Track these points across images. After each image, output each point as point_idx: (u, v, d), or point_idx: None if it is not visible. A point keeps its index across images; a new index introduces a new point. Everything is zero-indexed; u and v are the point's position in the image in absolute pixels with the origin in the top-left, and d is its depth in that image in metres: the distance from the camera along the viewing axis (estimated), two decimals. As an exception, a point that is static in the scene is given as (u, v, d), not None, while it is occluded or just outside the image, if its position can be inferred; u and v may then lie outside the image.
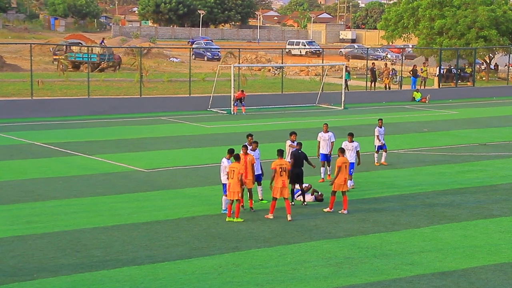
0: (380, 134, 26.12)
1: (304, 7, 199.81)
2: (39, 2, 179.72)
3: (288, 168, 19.17)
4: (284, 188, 18.91)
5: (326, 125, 23.79)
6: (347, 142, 22.29)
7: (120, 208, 20.10)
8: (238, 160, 19.05)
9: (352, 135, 22.58)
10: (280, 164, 18.97)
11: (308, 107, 44.97)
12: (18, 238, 17.14)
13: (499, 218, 19.73)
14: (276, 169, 18.89)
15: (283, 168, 18.94)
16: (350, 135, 22.49)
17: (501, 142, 32.82)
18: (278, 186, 18.84)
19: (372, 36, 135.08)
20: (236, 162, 19.03)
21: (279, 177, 18.85)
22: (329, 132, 23.41)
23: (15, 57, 71.47)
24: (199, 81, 53.57)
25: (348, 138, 22.38)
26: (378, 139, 26.17)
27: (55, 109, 38.66)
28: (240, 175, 18.70)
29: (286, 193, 18.99)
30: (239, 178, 18.68)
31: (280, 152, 19.64)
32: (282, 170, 18.89)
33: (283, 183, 18.85)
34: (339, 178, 19.61)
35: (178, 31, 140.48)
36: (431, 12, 62.61)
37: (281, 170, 18.86)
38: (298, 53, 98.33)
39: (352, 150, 22.16)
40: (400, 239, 17.60)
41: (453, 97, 52.59)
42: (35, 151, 28.50)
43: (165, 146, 30.19)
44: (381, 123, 26.24)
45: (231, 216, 18.89)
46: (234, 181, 18.67)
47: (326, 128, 23.55)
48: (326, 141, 23.25)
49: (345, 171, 19.75)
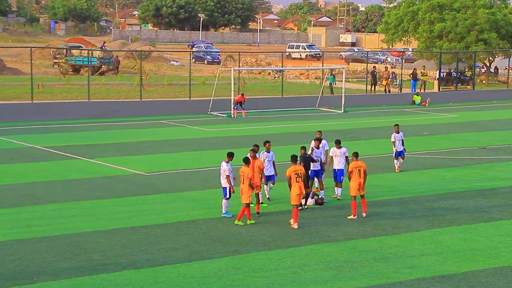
0: (397, 140, 25.61)
1: (304, 10, 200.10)
2: (39, 5, 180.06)
3: (303, 173, 18.89)
4: (301, 194, 18.77)
5: (320, 132, 22.87)
6: (335, 148, 21.73)
7: (120, 211, 20.10)
8: (247, 164, 19.06)
9: (339, 142, 21.86)
10: (294, 170, 18.80)
11: (308, 111, 44.97)
12: (18, 241, 17.14)
13: (499, 222, 19.72)
14: (291, 176, 18.76)
15: (298, 174, 18.71)
16: (337, 143, 21.76)
17: (501, 146, 32.81)
18: (296, 193, 18.61)
19: (372, 40, 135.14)
20: (246, 166, 19.02)
21: (295, 184, 18.67)
22: (323, 140, 22.43)
23: (15, 61, 71.51)
24: (199, 85, 53.58)
25: (336, 145, 21.74)
26: (394, 145, 25.82)
27: (55, 113, 38.66)
28: (249, 180, 18.72)
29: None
30: (249, 183, 18.72)
31: (293, 158, 19.46)
32: (298, 176, 18.67)
33: (300, 189, 18.64)
34: (353, 182, 19.56)
35: (178, 34, 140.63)
36: (431, 16, 62.70)
37: (296, 176, 18.68)
38: (298, 56, 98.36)
39: (341, 156, 21.70)
40: (400, 243, 17.60)
41: (453, 100, 52.60)
42: (35, 155, 28.50)
43: (165, 150, 30.19)
44: (398, 129, 25.61)
45: (241, 220, 18.90)
46: (245, 185, 18.69)
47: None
48: (338, 157, 22.07)
49: (358, 175, 19.55)
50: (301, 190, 18.64)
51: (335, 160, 21.60)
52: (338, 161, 21.61)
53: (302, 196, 18.93)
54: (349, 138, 33.07)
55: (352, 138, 33.73)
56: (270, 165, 20.76)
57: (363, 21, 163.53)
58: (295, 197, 18.62)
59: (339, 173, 21.65)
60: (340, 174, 21.64)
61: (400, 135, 25.82)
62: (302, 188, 18.70)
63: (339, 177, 21.68)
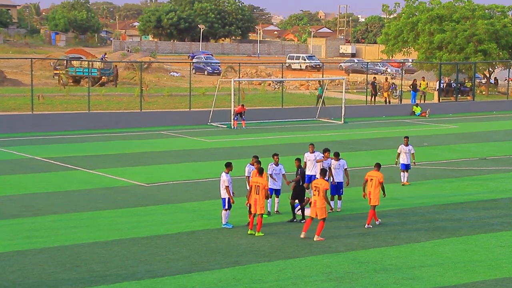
0: (403, 152, 25.29)
1: (304, 21, 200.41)
2: (40, 17, 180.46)
3: (325, 188, 18.63)
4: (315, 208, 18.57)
5: (312, 145, 22.41)
6: (333, 161, 21.66)
7: (120, 222, 20.09)
8: (261, 174, 19.06)
9: (338, 154, 21.81)
10: (315, 184, 18.73)
11: (308, 121, 45.00)
12: (18, 253, 17.11)
13: (499, 233, 19.70)
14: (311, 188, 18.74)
15: (318, 188, 18.53)
16: (336, 155, 21.72)
17: (501, 156, 32.81)
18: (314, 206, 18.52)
19: (372, 51, 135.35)
20: (260, 176, 19.00)
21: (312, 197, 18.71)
22: (315, 152, 22.22)
23: (15, 72, 71.62)
24: (199, 96, 53.64)
25: (334, 158, 21.69)
26: (397, 157, 25.61)
27: (56, 124, 38.69)
28: (265, 190, 18.77)
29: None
30: (265, 194, 18.79)
31: (323, 171, 19.50)
32: (316, 189, 18.56)
33: (314, 203, 18.51)
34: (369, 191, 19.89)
35: (179, 45, 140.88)
36: (431, 27, 62.85)
37: (315, 189, 18.62)
38: (298, 67, 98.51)
39: (340, 168, 21.66)
40: (400, 254, 17.57)
41: (453, 111, 52.66)
42: (35, 166, 28.50)
43: (165, 161, 30.19)
44: (407, 141, 25.14)
45: (253, 229, 18.92)
46: (261, 195, 18.69)
47: (313, 149, 22.26)
48: (312, 162, 22.18)
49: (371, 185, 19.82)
50: (315, 204, 18.51)
51: (334, 172, 21.57)
52: (336, 174, 21.57)
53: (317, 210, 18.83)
54: (349, 149, 33.08)
55: (352, 149, 33.74)
56: (278, 179, 20.75)
57: (363, 32, 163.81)
58: (311, 210, 18.64)
59: (339, 186, 21.63)
60: (339, 187, 21.61)
61: (409, 148, 25.38)
62: (317, 202, 18.48)
63: (338, 190, 21.63)
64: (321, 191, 18.41)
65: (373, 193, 19.77)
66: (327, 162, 21.67)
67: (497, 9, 66.70)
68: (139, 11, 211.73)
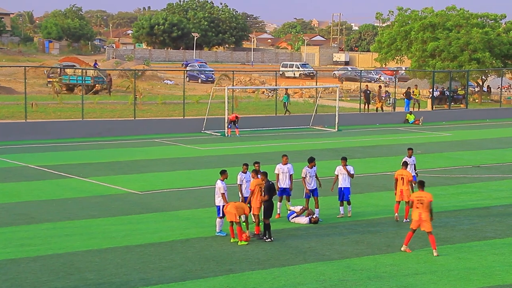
0: (409, 164, 24.36)
1: (297, 29, 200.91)
2: (33, 25, 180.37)
3: (430, 200, 18.06)
4: (420, 221, 18.14)
5: (286, 156, 21.71)
6: (340, 166, 21.79)
7: (114, 230, 20.05)
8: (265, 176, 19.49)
9: (345, 159, 21.95)
10: (418, 197, 18.28)
11: (302, 129, 45.05)
12: (11, 261, 17.06)
13: (493, 240, 19.73)
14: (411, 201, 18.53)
15: (422, 200, 18.13)
16: (344, 159, 21.85)
17: (494, 164, 32.89)
18: (419, 219, 18.14)
19: (366, 59, 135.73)
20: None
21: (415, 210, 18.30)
22: (288, 164, 21.56)
23: (9, 80, 71.51)
24: (193, 103, 53.66)
25: (342, 162, 21.80)
26: None
27: (49, 132, 38.63)
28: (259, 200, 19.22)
29: None
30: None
31: (421, 183, 18.67)
32: (419, 202, 18.18)
33: (419, 216, 18.03)
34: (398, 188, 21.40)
35: (172, 53, 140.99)
36: (424, 35, 63.09)
37: (417, 202, 18.29)
38: (292, 75, 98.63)
39: (347, 174, 21.69)
40: (394, 261, 17.58)
41: (446, 119, 52.81)
42: (29, 174, 28.44)
43: (159, 168, 30.17)
44: (411, 153, 24.26)
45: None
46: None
47: (286, 160, 21.56)
48: (285, 174, 21.46)
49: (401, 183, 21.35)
50: (419, 216, 18.06)
51: (341, 178, 21.63)
52: (343, 179, 21.64)
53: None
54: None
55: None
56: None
57: (356, 40, 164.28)
58: (413, 222, 18.30)
59: (345, 191, 21.65)
60: (347, 192, 21.64)
61: (412, 159, 25.14)
62: (421, 215, 17.96)
63: (346, 195, 21.67)
64: (425, 203, 17.98)
65: (405, 190, 21.18)
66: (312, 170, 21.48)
67: (490, 17, 67.04)
68: (132, 19, 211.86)
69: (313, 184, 21.58)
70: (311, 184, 21.54)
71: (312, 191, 21.56)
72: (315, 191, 21.59)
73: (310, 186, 21.50)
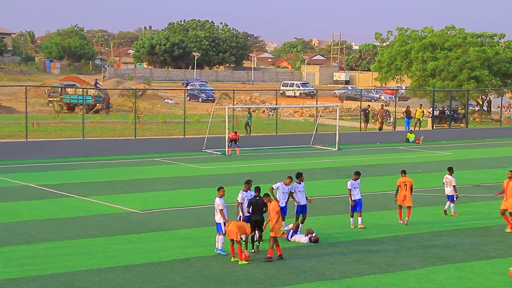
0: (447, 182, 25.18)
1: (297, 49, 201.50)
2: (35, 45, 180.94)
3: None
4: None
5: (291, 178, 21.74)
6: (352, 180, 22.81)
7: (114, 250, 20.00)
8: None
9: (358, 173, 23.11)
10: None
11: (303, 148, 45.06)
12: (11, 281, 17.01)
13: (494, 260, 19.67)
14: None
15: None
16: (357, 174, 23.02)
17: (495, 183, 32.81)
18: None
19: (366, 78, 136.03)
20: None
21: None
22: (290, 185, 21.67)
23: (10, 99, 71.66)
24: (193, 122, 53.73)
25: (354, 176, 22.92)
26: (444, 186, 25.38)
27: (50, 151, 38.65)
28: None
29: None
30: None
31: None
32: None
33: None
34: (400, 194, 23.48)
35: (173, 72, 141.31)
36: (423, 55, 63.32)
37: None
38: (292, 94, 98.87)
39: (358, 187, 22.81)
40: (395, 281, 17.52)
41: (447, 138, 52.84)
42: (29, 193, 28.43)
43: (159, 187, 30.15)
44: (452, 172, 24.92)
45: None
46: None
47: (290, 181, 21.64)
48: (285, 194, 21.55)
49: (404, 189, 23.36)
50: None
51: (354, 191, 22.67)
52: (356, 192, 22.72)
53: None
54: (343, 175, 33.08)
55: (346, 175, 33.69)
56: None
57: (356, 60, 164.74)
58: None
59: (358, 203, 22.69)
60: (359, 204, 22.69)
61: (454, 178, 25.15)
62: None
63: (359, 207, 22.70)
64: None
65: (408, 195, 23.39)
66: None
67: (488, 36, 67.37)
68: (133, 39, 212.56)
69: (303, 200, 21.68)
70: (302, 200, 21.67)
71: (302, 207, 21.66)
72: (304, 208, 21.72)
73: (302, 201, 21.62)
